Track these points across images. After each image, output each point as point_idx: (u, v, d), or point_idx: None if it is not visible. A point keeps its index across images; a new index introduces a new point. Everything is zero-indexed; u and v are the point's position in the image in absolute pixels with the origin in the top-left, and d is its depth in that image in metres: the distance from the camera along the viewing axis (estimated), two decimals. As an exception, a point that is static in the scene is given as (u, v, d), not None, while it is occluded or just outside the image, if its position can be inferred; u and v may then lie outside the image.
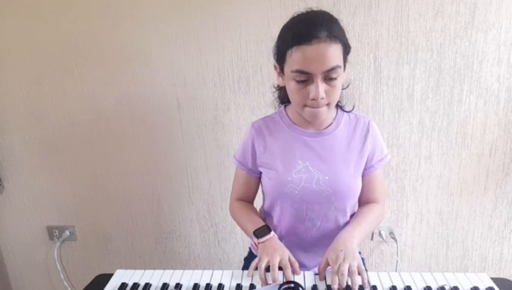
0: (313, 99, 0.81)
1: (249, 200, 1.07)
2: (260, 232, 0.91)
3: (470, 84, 1.30)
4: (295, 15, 0.84)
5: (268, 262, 0.82)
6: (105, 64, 1.38)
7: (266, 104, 1.38)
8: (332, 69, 0.78)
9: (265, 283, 0.80)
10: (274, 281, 0.79)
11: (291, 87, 0.83)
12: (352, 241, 0.84)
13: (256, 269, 0.84)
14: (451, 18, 1.24)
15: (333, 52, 0.78)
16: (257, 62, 1.34)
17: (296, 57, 0.79)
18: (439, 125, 1.36)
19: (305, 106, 0.84)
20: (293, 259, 0.86)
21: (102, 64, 1.38)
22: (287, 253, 0.86)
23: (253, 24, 1.29)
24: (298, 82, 0.81)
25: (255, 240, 0.91)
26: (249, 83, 1.37)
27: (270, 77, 1.35)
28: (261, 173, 1.00)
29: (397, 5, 1.24)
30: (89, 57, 1.38)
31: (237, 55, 1.34)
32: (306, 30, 0.77)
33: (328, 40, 0.77)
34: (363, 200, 1.00)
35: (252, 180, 1.03)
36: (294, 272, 0.85)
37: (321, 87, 0.80)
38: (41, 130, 1.49)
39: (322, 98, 0.81)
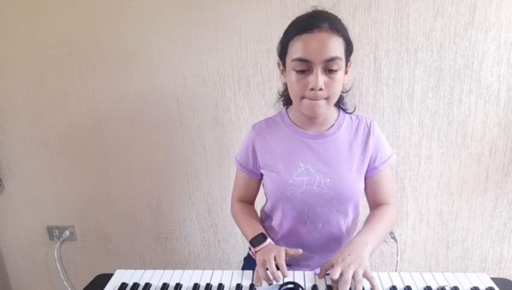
0: (312, 89, 0.80)
1: (249, 202, 1.07)
2: (256, 241, 0.91)
3: (470, 84, 1.30)
4: (300, 14, 0.85)
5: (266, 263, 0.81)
6: (105, 64, 1.38)
7: (266, 104, 1.38)
8: (332, 60, 0.78)
9: (268, 281, 0.80)
10: (275, 278, 0.79)
11: (291, 79, 0.83)
12: (364, 248, 0.81)
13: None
14: (451, 18, 1.24)
15: (334, 43, 0.78)
16: (257, 62, 1.34)
17: (297, 46, 0.80)
18: (439, 125, 1.36)
19: (303, 97, 0.83)
20: (282, 262, 0.80)
21: (102, 64, 1.38)
22: (282, 250, 0.83)
23: (253, 24, 1.29)
24: (298, 72, 0.81)
25: (253, 249, 0.91)
26: (249, 83, 1.37)
27: (270, 77, 1.35)
28: (262, 174, 1.00)
29: (397, 5, 1.24)
30: (89, 57, 1.38)
31: (237, 55, 1.34)
32: (308, 21, 0.79)
33: (329, 30, 0.78)
34: (372, 203, 0.98)
35: (252, 182, 1.02)
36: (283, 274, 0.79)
37: (320, 77, 0.79)
38: (41, 130, 1.49)
39: (321, 89, 0.80)
